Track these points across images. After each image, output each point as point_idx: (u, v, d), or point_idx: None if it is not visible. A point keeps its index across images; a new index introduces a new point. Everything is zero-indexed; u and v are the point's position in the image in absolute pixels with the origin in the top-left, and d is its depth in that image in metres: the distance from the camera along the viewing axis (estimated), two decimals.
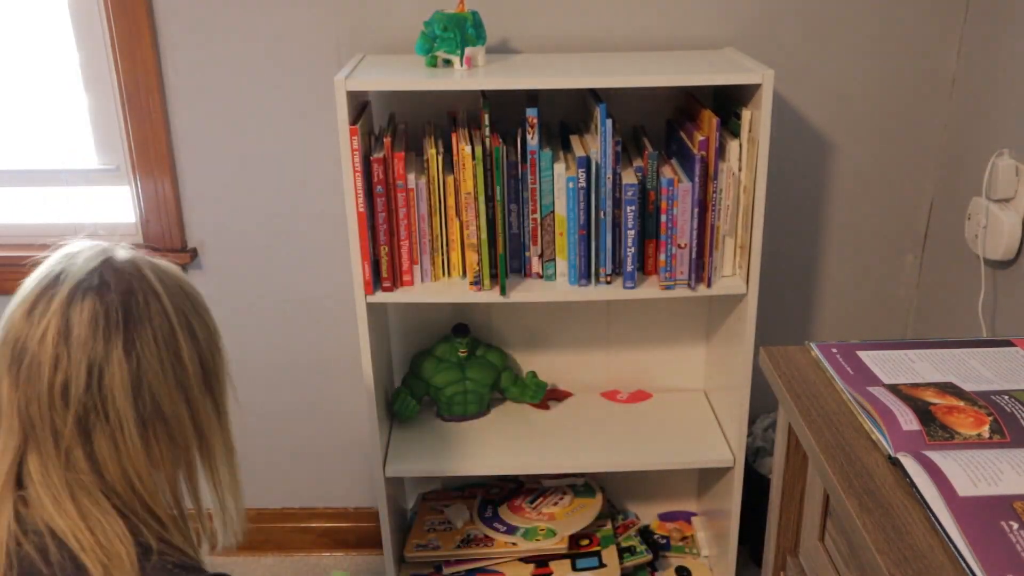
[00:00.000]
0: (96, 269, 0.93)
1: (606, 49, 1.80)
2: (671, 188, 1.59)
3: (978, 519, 0.82)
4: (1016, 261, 1.62)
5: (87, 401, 0.89)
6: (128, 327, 0.91)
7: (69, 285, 0.91)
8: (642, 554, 2.00)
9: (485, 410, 1.95)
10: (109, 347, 0.89)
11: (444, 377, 1.89)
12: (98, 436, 0.90)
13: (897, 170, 1.91)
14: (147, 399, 0.92)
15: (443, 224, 1.65)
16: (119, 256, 0.95)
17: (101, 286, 0.91)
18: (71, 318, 0.89)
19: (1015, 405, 0.99)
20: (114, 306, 0.91)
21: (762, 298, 1.69)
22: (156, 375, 0.92)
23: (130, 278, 0.93)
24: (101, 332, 0.89)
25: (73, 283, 0.91)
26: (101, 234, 1.03)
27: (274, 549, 2.22)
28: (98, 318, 0.90)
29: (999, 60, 1.67)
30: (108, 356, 0.89)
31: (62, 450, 0.89)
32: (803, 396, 1.08)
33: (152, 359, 0.92)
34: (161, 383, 0.93)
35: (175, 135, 1.88)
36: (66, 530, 0.87)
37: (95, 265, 0.93)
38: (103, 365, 0.89)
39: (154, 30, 1.80)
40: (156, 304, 0.93)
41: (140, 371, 0.91)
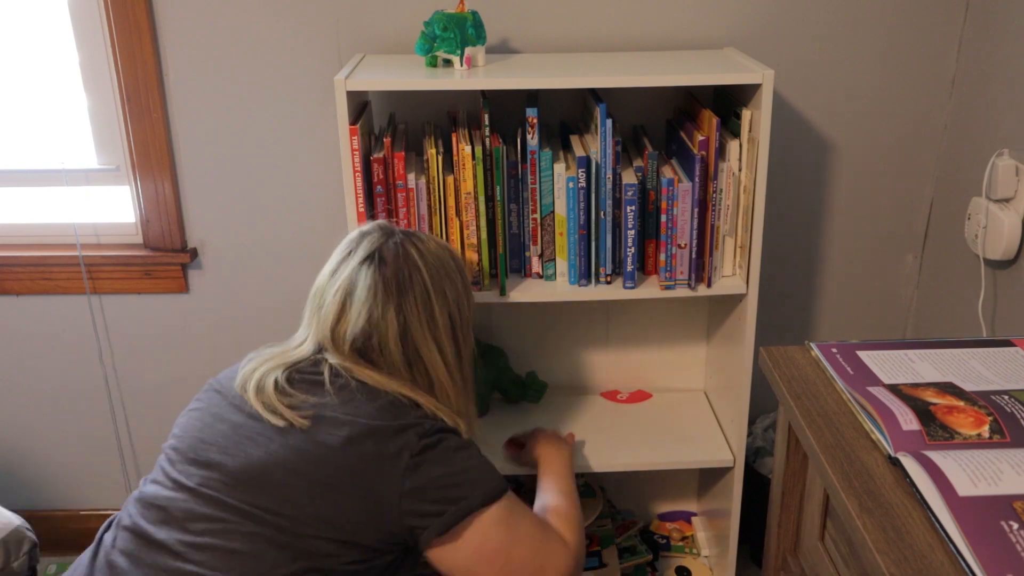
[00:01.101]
0: (376, 250, 1.29)
1: (606, 49, 1.80)
2: (671, 188, 1.59)
3: (978, 519, 0.82)
4: (1016, 261, 1.62)
5: (368, 344, 1.26)
6: (398, 294, 1.26)
7: (358, 258, 1.29)
8: (642, 554, 2.00)
9: (486, 411, 1.95)
10: (384, 308, 1.25)
11: None
12: (374, 369, 1.26)
13: (897, 170, 1.91)
14: (411, 346, 1.27)
15: (443, 224, 1.65)
16: (393, 239, 1.31)
17: (381, 263, 1.28)
18: (356, 283, 1.27)
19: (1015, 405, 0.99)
20: (388, 278, 1.27)
21: (762, 298, 1.69)
22: (416, 329, 1.27)
23: (400, 257, 1.29)
24: (380, 296, 1.26)
25: (360, 257, 1.29)
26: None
27: None
28: (376, 286, 1.26)
29: (999, 60, 1.68)
30: (383, 315, 1.25)
31: (346, 365, 1.25)
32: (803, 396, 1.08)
33: (414, 319, 1.27)
34: (420, 335, 1.27)
35: (175, 135, 1.88)
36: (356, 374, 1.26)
37: (376, 246, 1.30)
38: (381, 322, 1.25)
39: (154, 30, 1.80)
40: (418, 276, 1.28)
41: (406, 327, 1.26)
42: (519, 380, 1.96)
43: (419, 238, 1.33)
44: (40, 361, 2.08)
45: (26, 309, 2.03)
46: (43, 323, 2.04)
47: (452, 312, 1.31)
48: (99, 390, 2.10)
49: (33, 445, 2.17)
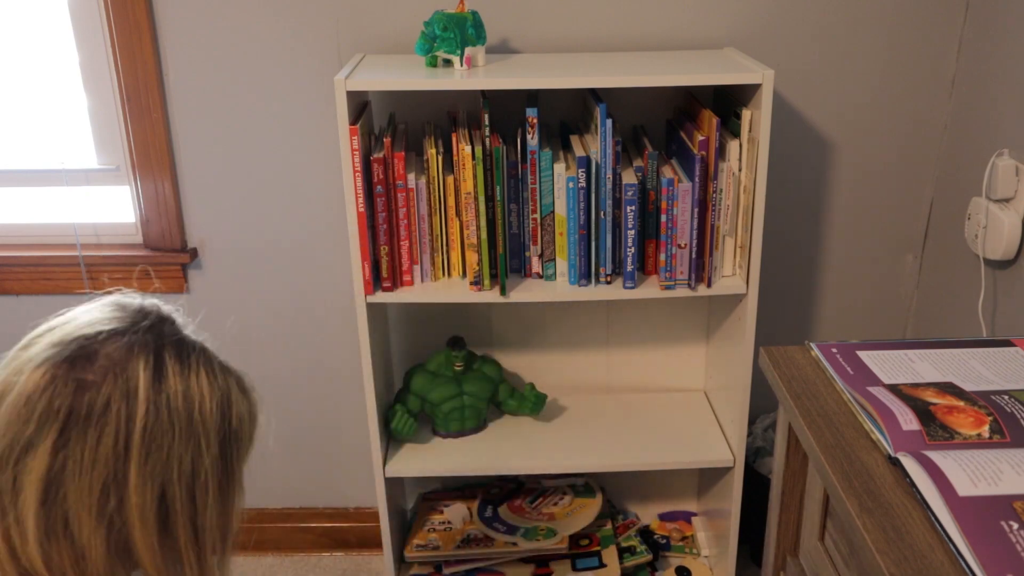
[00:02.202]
0: (91, 337, 0.79)
1: (606, 49, 1.80)
2: (671, 188, 1.59)
3: (978, 519, 0.82)
4: (1016, 261, 1.62)
5: (1, 475, 0.75)
6: (68, 426, 0.75)
7: (55, 337, 0.80)
8: (642, 554, 2.00)
9: (483, 425, 1.93)
10: (38, 435, 0.74)
11: (441, 393, 1.85)
12: (8, 518, 0.76)
13: (897, 170, 1.91)
14: (57, 511, 0.75)
15: (443, 224, 1.65)
16: (137, 341, 0.79)
17: (76, 361, 0.77)
18: (20, 378, 0.77)
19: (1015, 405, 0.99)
20: (65, 396, 0.75)
21: (762, 298, 1.69)
22: (77, 492, 0.75)
23: (117, 374, 0.77)
24: (38, 414, 0.75)
25: (58, 338, 0.80)
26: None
27: (274, 549, 2.22)
28: (40, 398, 0.75)
29: (999, 60, 1.67)
30: (33, 444, 0.74)
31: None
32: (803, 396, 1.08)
33: (78, 471, 0.75)
34: (79, 502, 0.75)
35: (175, 135, 1.88)
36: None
37: (94, 332, 0.79)
38: (25, 450, 0.75)
39: (154, 30, 1.80)
40: (123, 413, 0.76)
41: (60, 477, 0.74)
42: (516, 392, 1.93)
43: (185, 361, 0.82)
44: None
45: (26, 309, 2.03)
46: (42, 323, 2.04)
47: (171, 491, 0.78)
48: None
49: None
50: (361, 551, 2.22)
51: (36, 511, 0.74)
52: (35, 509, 0.74)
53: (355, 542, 2.21)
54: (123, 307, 0.83)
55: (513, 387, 1.94)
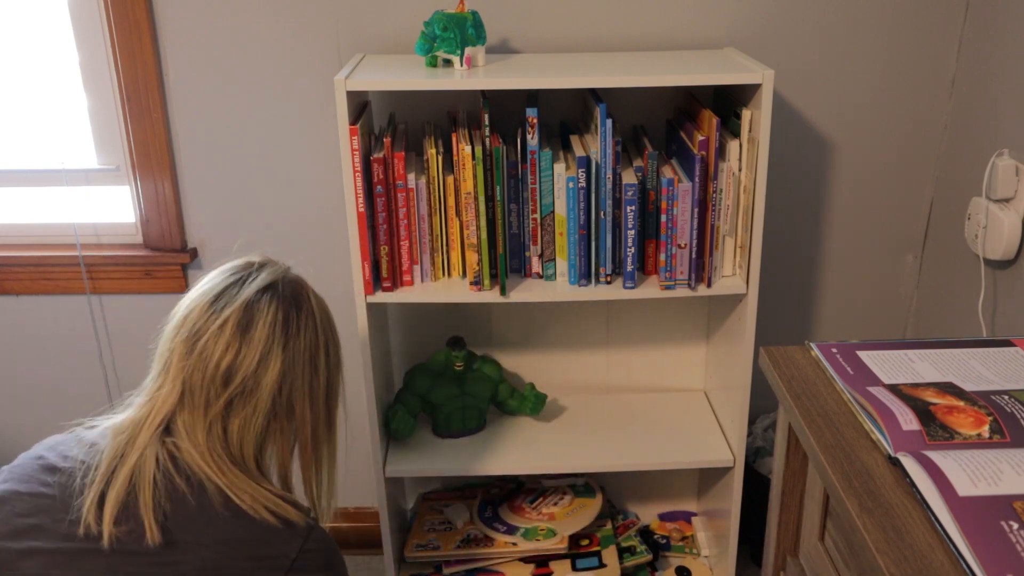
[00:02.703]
0: (278, 281, 1.12)
1: (606, 49, 1.80)
2: (671, 188, 1.59)
3: (978, 519, 0.82)
4: (1016, 261, 1.62)
5: (243, 388, 1.07)
6: (292, 335, 1.09)
7: (256, 287, 1.10)
8: (642, 554, 2.00)
9: (483, 425, 1.93)
10: (276, 348, 1.08)
11: (441, 392, 1.85)
12: (236, 415, 1.07)
13: (897, 170, 1.91)
14: (285, 397, 1.09)
15: (443, 224, 1.65)
16: (291, 276, 1.15)
17: (283, 296, 1.10)
18: (254, 315, 1.08)
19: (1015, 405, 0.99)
20: (290, 315, 1.10)
21: (762, 298, 1.69)
22: (297, 379, 1.10)
23: (301, 297, 1.13)
24: (278, 334, 1.08)
25: (260, 286, 1.10)
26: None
27: None
28: (276, 322, 1.08)
29: (999, 60, 1.68)
30: (272, 355, 1.07)
31: (208, 419, 1.06)
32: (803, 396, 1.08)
33: (299, 366, 1.10)
34: (299, 387, 1.10)
35: (175, 135, 1.88)
36: (213, 478, 1.04)
37: (277, 277, 1.12)
38: (269, 362, 1.07)
39: (154, 30, 1.80)
40: (312, 323, 1.12)
41: (289, 373, 1.09)
42: (516, 393, 1.93)
43: (304, 282, 1.19)
44: (40, 361, 2.08)
45: (26, 309, 2.03)
46: (43, 323, 2.04)
47: (332, 375, 1.17)
48: (99, 390, 2.10)
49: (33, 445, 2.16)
50: (361, 551, 2.21)
51: (269, 400, 1.08)
52: (269, 399, 1.08)
53: (355, 542, 2.21)
54: (262, 263, 1.16)
55: (513, 387, 1.94)
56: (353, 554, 2.21)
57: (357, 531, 2.20)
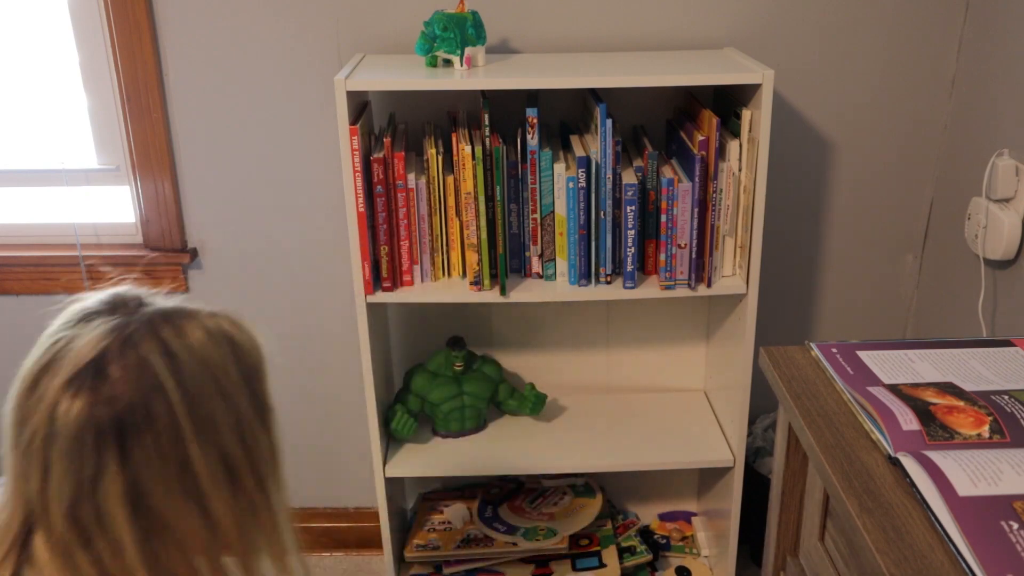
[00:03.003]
0: (92, 360, 0.79)
1: (606, 49, 1.80)
2: (671, 188, 1.59)
3: (978, 519, 0.82)
4: (1016, 261, 1.62)
5: (81, 512, 0.79)
6: (124, 438, 0.78)
7: (65, 373, 0.79)
8: (642, 554, 2.00)
9: (483, 425, 1.93)
10: (100, 462, 0.78)
11: (440, 393, 1.85)
12: (99, 544, 0.80)
13: (897, 170, 1.91)
14: (149, 513, 0.80)
15: (443, 224, 1.65)
16: (127, 338, 0.81)
17: (97, 384, 0.78)
18: (57, 419, 0.78)
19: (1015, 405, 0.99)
20: (108, 415, 0.78)
21: (762, 298, 1.69)
22: (158, 488, 0.80)
23: (131, 374, 0.79)
24: (91, 444, 0.77)
25: (69, 372, 0.79)
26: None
27: None
28: (86, 429, 0.77)
29: (999, 60, 1.67)
30: (100, 470, 0.78)
31: (61, 548, 0.80)
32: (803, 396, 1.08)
33: (153, 473, 0.80)
34: (164, 494, 0.80)
35: (175, 135, 1.88)
36: None
37: (97, 351, 0.80)
38: (96, 479, 0.78)
39: (154, 30, 1.80)
40: (162, 404, 0.80)
41: (138, 486, 0.79)
42: (516, 393, 1.93)
43: (176, 326, 0.83)
44: None
45: (26, 309, 2.03)
46: (43, 323, 2.03)
47: (228, 450, 0.84)
48: None
49: None
50: (361, 551, 2.21)
51: (130, 524, 0.79)
52: (129, 523, 0.79)
53: (355, 542, 2.21)
54: (96, 312, 0.84)
55: (513, 387, 1.94)
56: (353, 554, 2.22)
57: (357, 531, 2.20)
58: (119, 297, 0.85)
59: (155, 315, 0.84)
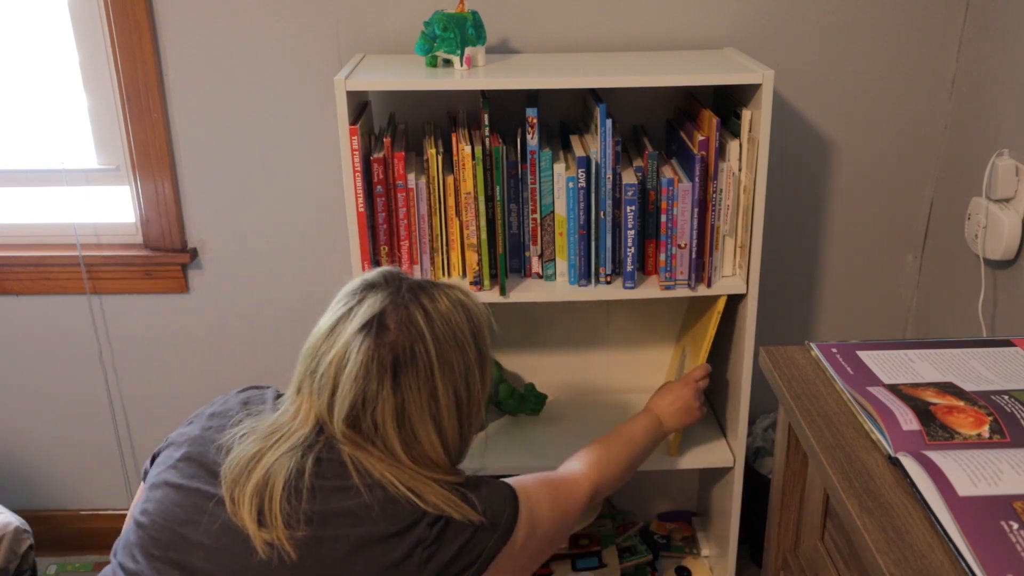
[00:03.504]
0: (377, 315, 1.10)
1: (606, 49, 1.80)
2: (671, 188, 1.59)
3: (978, 519, 0.82)
4: (1016, 261, 1.62)
5: (360, 423, 1.09)
6: (396, 371, 1.08)
7: (355, 324, 1.10)
8: (642, 554, 2.00)
9: (483, 425, 1.92)
10: (380, 386, 1.08)
11: None
12: (369, 448, 1.09)
13: (897, 170, 1.91)
14: (408, 428, 1.10)
15: (443, 224, 1.65)
16: (399, 299, 1.11)
17: (380, 331, 1.09)
18: (350, 355, 1.08)
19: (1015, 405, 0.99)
20: (386, 353, 1.08)
21: (762, 298, 1.69)
22: (415, 410, 1.10)
23: (403, 326, 1.09)
24: (375, 373, 1.08)
25: (359, 323, 1.10)
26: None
27: None
28: (371, 361, 1.08)
29: (999, 60, 1.68)
30: (379, 393, 1.08)
31: (346, 450, 1.09)
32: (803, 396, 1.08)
33: (413, 398, 1.09)
34: (419, 417, 1.10)
35: (175, 135, 1.88)
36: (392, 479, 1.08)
37: (377, 310, 1.10)
38: (374, 401, 1.08)
39: (154, 30, 1.80)
40: (421, 348, 1.09)
41: (404, 407, 1.09)
42: (516, 392, 1.93)
43: (430, 295, 1.14)
44: (40, 361, 2.08)
45: (26, 309, 2.03)
46: (43, 323, 2.04)
47: (459, 389, 1.14)
48: (99, 390, 2.10)
49: (33, 445, 2.17)
50: None
51: (396, 435, 1.09)
52: (395, 434, 1.09)
53: None
54: (374, 284, 1.15)
55: (513, 387, 1.94)
56: None
57: None
58: (389, 273, 1.16)
59: (415, 286, 1.14)
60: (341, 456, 1.09)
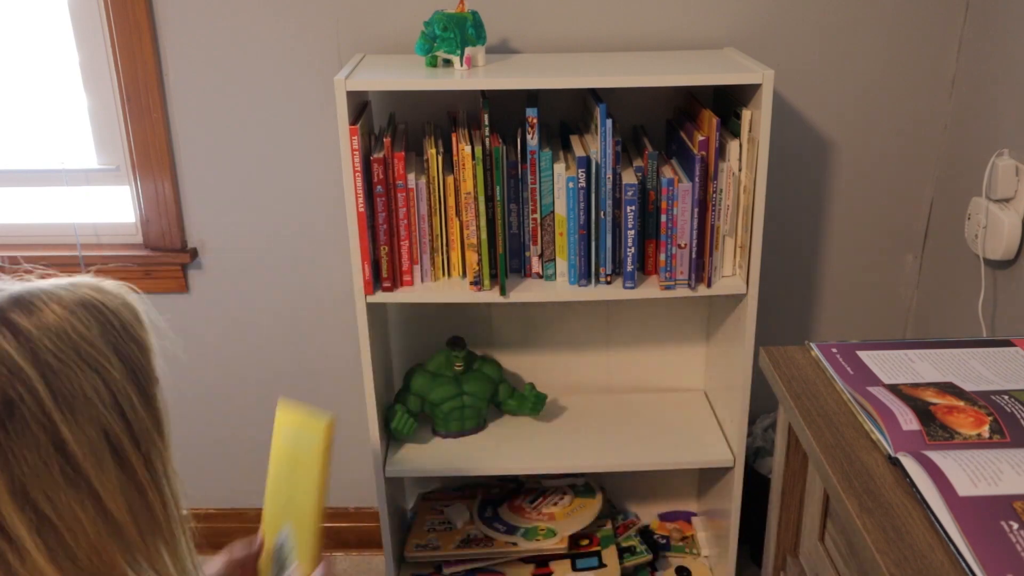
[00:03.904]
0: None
1: (606, 49, 1.80)
2: (671, 188, 1.59)
3: (978, 519, 0.82)
4: (1016, 261, 1.62)
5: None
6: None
7: None
8: (642, 554, 2.00)
9: (483, 425, 1.93)
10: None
11: (440, 392, 1.85)
12: (6, 554, 0.75)
13: (897, 170, 1.91)
14: (38, 508, 0.75)
15: (443, 224, 1.65)
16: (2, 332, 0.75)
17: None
18: None
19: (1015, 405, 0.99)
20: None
21: (762, 298, 1.69)
22: (40, 478, 0.74)
23: (3, 378, 0.74)
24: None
25: None
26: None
27: None
28: None
29: (999, 60, 1.67)
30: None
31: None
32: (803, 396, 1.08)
33: (31, 463, 0.74)
34: (50, 486, 0.75)
35: (175, 135, 1.88)
36: None
37: None
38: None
39: (154, 30, 1.80)
40: (23, 388, 0.74)
41: (22, 480, 0.74)
42: (516, 393, 1.93)
43: (27, 308, 0.78)
44: None
45: None
46: None
47: (108, 425, 0.78)
48: None
49: None
50: (361, 551, 2.22)
51: (26, 525, 0.74)
52: (24, 524, 0.74)
53: (355, 542, 2.21)
54: None
55: (513, 387, 1.94)
56: (353, 554, 2.22)
57: (357, 531, 2.20)
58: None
59: (6, 301, 0.78)
60: None
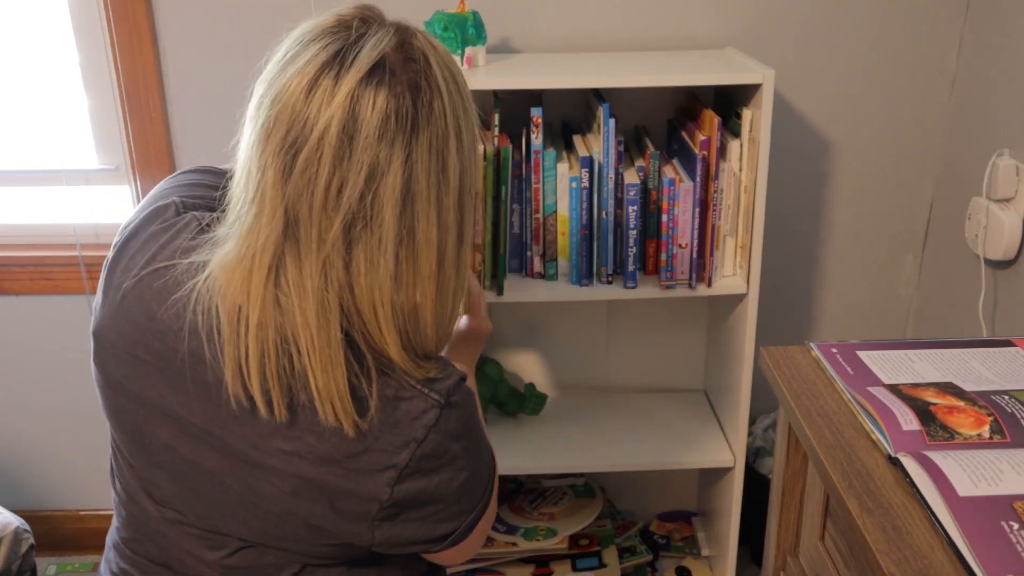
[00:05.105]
0: (387, 56, 0.82)
1: (606, 49, 1.80)
2: (673, 188, 1.59)
3: (978, 519, 0.82)
4: (1016, 261, 1.62)
5: (359, 208, 0.81)
6: (413, 131, 0.81)
7: (359, 70, 0.81)
8: (642, 554, 2.00)
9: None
10: (392, 152, 0.80)
11: None
12: (358, 248, 0.82)
13: (897, 170, 1.91)
14: (409, 214, 0.83)
15: None
16: (409, 40, 0.86)
17: (393, 77, 0.81)
18: (359, 112, 0.80)
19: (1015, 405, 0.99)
20: (405, 105, 0.81)
21: (762, 298, 1.69)
22: (422, 188, 0.83)
23: (419, 71, 0.83)
24: (390, 134, 0.80)
25: (364, 68, 0.81)
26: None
27: None
28: (389, 117, 0.80)
29: (999, 60, 1.68)
30: (390, 162, 0.80)
31: (322, 257, 0.82)
32: (803, 396, 1.08)
33: (423, 170, 0.82)
34: (424, 198, 0.83)
35: (175, 135, 1.88)
36: (309, 349, 0.82)
37: (386, 50, 0.83)
38: (384, 171, 0.80)
39: (154, 30, 1.80)
40: (438, 104, 0.83)
41: (412, 182, 0.82)
42: (517, 393, 1.94)
43: (416, 34, 0.89)
44: (40, 361, 2.08)
45: (26, 309, 2.03)
46: (43, 323, 2.04)
47: (465, 166, 0.88)
48: None
49: (33, 445, 2.17)
50: None
51: (393, 228, 0.82)
52: (393, 226, 0.82)
53: None
54: (366, 19, 0.88)
55: (513, 387, 1.94)
56: None
57: None
58: (368, 7, 0.89)
59: (399, 23, 0.89)
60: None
